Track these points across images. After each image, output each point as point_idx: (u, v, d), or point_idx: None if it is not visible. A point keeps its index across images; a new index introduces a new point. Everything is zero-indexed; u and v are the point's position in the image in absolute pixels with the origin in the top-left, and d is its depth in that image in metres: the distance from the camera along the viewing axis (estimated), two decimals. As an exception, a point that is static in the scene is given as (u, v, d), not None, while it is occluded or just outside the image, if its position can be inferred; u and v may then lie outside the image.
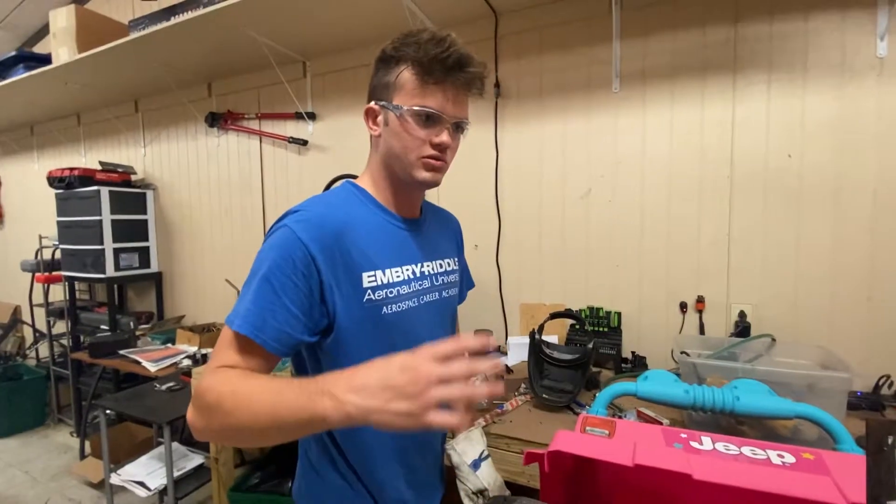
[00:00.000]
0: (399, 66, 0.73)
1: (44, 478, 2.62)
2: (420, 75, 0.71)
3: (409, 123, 0.73)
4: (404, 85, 0.72)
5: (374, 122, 0.78)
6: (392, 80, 0.73)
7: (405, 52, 0.72)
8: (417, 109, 0.72)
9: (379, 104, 0.76)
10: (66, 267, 2.95)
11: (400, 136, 0.74)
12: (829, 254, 1.43)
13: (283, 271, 0.65)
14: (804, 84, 1.44)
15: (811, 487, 0.59)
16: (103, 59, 2.28)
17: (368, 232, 0.75)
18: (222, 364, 0.63)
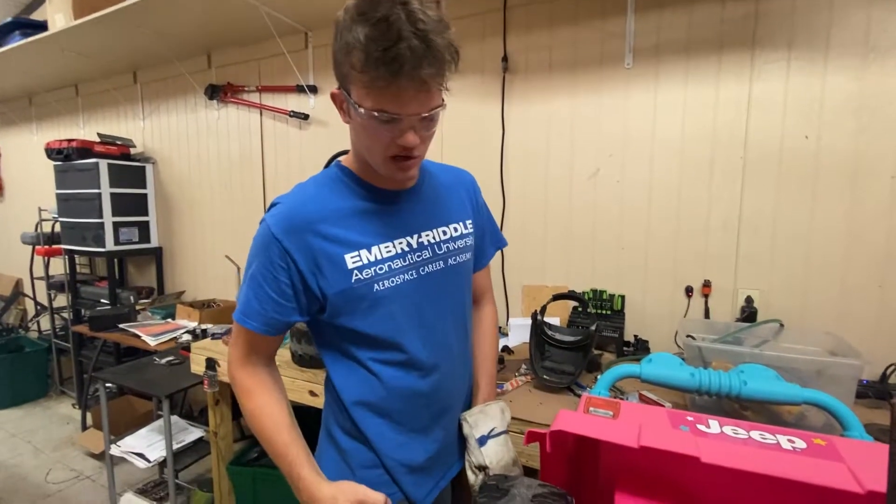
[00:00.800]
0: (350, 56, 0.62)
1: (46, 448, 2.65)
2: (368, 76, 0.61)
3: (371, 124, 0.66)
4: (355, 82, 0.64)
5: (341, 109, 0.72)
6: (346, 70, 0.64)
7: (354, 41, 0.60)
8: (375, 114, 0.64)
9: (340, 91, 0.69)
10: (65, 240, 2.93)
11: (364, 136, 0.70)
12: (841, 239, 1.40)
13: (265, 267, 0.73)
14: (825, 63, 1.38)
15: (825, 474, 0.57)
16: (100, 26, 2.21)
17: (350, 214, 0.76)
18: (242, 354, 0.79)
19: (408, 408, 0.81)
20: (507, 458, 0.85)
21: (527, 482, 0.71)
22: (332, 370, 0.82)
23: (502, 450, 0.85)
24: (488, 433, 0.85)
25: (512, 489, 0.70)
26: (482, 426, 0.86)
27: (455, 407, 0.90)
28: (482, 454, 0.83)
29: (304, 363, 1.46)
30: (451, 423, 0.89)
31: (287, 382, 1.47)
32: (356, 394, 0.80)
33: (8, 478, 2.37)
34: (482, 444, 0.84)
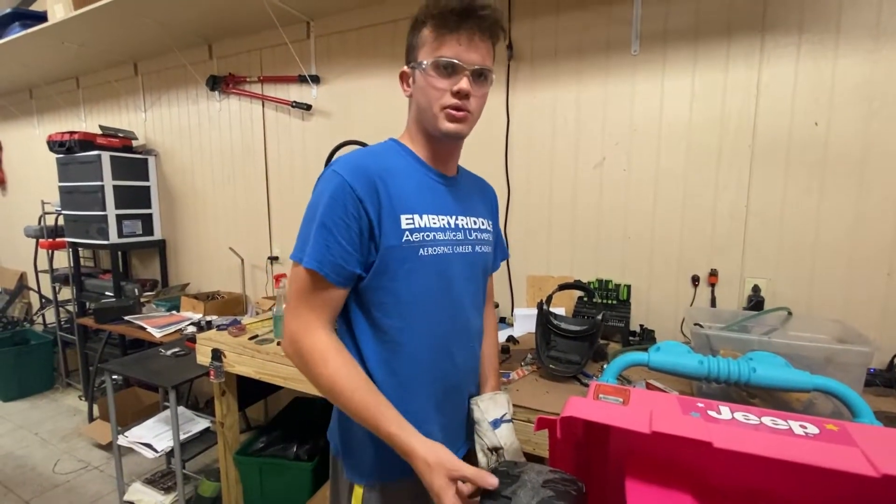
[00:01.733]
0: (421, 27, 0.79)
1: (54, 439, 2.67)
2: (436, 28, 0.77)
3: (431, 76, 0.78)
4: (425, 41, 0.78)
5: (406, 84, 0.85)
6: (416, 41, 0.81)
7: (425, 11, 0.78)
8: (435, 60, 0.77)
9: (408, 66, 0.83)
10: (69, 233, 2.93)
11: (424, 91, 0.80)
12: (849, 227, 1.38)
13: (336, 213, 0.74)
14: (836, 47, 1.36)
15: (839, 458, 0.56)
16: (100, 17, 2.19)
17: (407, 179, 0.81)
18: (308, 319, 0.76)
19: (425, 379, 0.84)
20: (517, 444, 0.87)
21: (537, 468, 0.71)
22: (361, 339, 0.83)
23: (513, 435, 0.88)
24: (500, 417, 0.88)
25: (522, 475, 0.70)
26: (493, 411, 0.89)
27: (465, 386, 0.94)
28: (496, 436, 0.85)
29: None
30: (462, 402, 0.93)
31: (293, 372, 1.47)
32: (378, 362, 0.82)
33: (16, 468, 2.39)
34: (496, 426, 0.86)
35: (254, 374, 1.57)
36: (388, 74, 2.06)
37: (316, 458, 1.79)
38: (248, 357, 1.58)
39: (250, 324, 1.83)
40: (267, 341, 1.63)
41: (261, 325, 1.82)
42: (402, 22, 2.01)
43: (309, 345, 0.76)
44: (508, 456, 0.84)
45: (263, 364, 1.54)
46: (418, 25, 0.80)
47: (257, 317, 2.02)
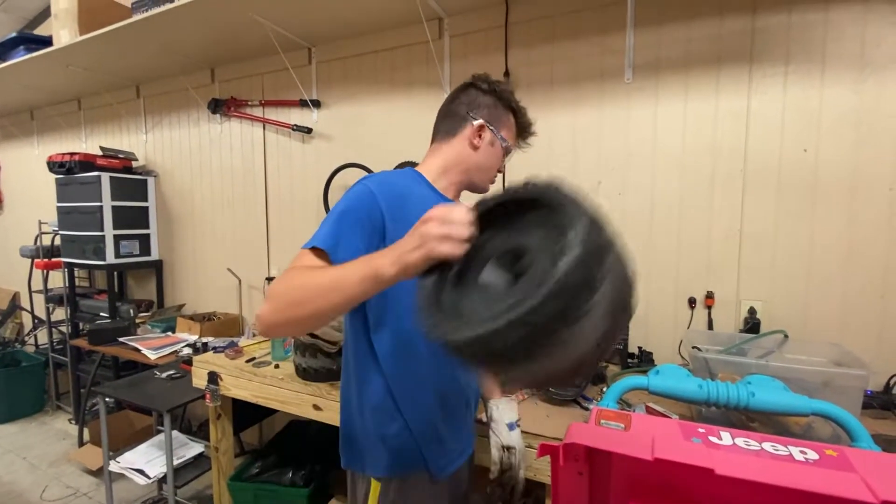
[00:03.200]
0: (507, 110, 1.00)
1: (42, 464, 2.61)
2: (519, 126, 1.04)
3: (500, 152, 1.00)
4: (507, 125, 1.00)
5: (479, 138, 0.97)
6: (501, 115, 0.99)
7: (517, 109, 1.02)
8: (510, 146, 1.01)
9: (490, 128, 0.97)
10: (65, 253, 2.92)
11: (494, 156, 0.99)
12: (842, 251, 1.41)
13: (356, 212, 0.80)
14: (822, 76, 1.41)
15: (839, 484, 0.57)
16: (105, 42, 2.24)
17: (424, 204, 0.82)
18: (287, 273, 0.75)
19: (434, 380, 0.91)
20: (524, 449, 0.98)
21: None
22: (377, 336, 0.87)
23: (521, 440, 0.98)
24: (515, 422, 0.99)
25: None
26: (508, 414, 0.99)
27: (466, 392, 1.00)
28: (510, 436, 0.94)
29: (309, 377, 1.45)
30: (461, 407, 0.99)
31: (291, 396, 1.47)
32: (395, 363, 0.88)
33: (3, 495, 2.32)
34: (511, 429, 0.96)
35: (251, 397, 1.56)
36: (388, 99, 2.10)
37: (312, 483, 1.76)
38: (246, 380, 1.57)
39: (247, 346, 1.82)
40: (264, 364, 1.62)
41: (258, 348, 1.81)
42: (398, 50, 2.06)
43: (280, 279, 0.73)
44: (520, 455, 0.93)
45: (261, 387, 1.53)
46: (506, 107, 1.00)
47: (254, 339, 2.01)
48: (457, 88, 1.02)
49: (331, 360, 1.43)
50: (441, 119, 1.02)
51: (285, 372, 1.54)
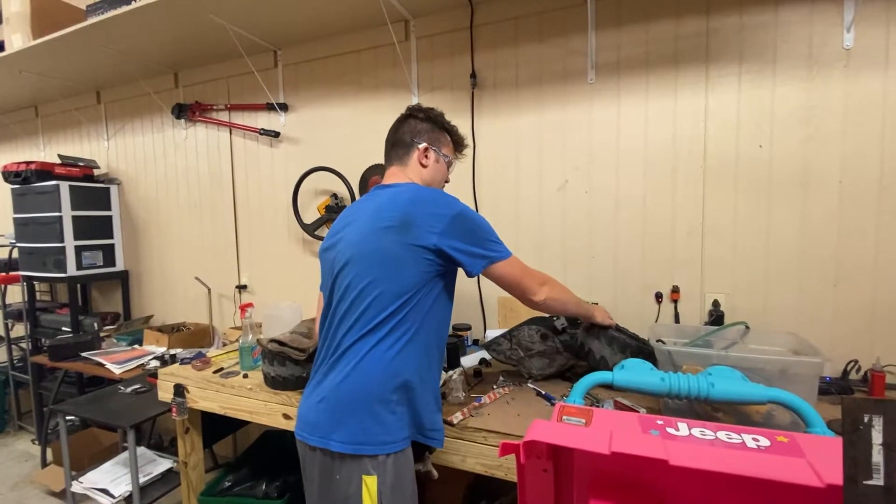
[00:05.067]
0: (444, 132, 1.22)
1: (3, 487, 2.48)
2: (455, 146, 1.28)
3: (445, 166, 1.24)
4: (447, 145, 1.23)
5: (426, 157, 1.18)
6: (442, 138, 1.21)
7: (451, 130, 1.25)
8: (452, 160, 1.27)
9: (433, 149, 1.19)
10: (24, 266, 2.79)
11: (440, 171, 1.22)
12: (797, 242, 1.46)
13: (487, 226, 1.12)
14: (774, 75, 1.46)
15: (786, 469, 0.58)
16: (60, 46, 2.16)
17: None
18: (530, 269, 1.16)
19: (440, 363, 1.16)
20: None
21: None
22: (433, 319, 1.07)
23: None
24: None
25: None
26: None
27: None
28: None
29: (278, 385, 1.42)
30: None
31: (259, 406, 1.43)
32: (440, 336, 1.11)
33: (-42, 523, 2.21)
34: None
35: (218, 409, 1.52)
36: (354, 102, 2.09)
37: (287, 495, 1.72)
38: (213, 392, 1.53)
39: (216, 356, 1.78)
40: (233, 374, 1.58)
41: (227, 358, 1.77)
42: (365, 52, 2.05)
43: (553, 282, 1.19)
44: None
45: (229, 398, 1.49)
46: (441, 128, 1.21)
47: (224, 348, 1.96)
48: (397, 120, 1.21)
49: (300, 367, 1.40)
50: (392, 147, 1.20)
51: (254, 381, 1.51)
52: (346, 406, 0.98)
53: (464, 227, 1.03)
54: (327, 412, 0.99)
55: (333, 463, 0.97)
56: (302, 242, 2.30)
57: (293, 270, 2.33)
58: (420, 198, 1.05)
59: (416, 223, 1.00)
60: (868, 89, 1.36)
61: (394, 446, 0.97)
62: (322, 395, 1.02)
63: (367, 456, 0.95)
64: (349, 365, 0.99)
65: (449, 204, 1.05)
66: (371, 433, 0.96)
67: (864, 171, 1.38)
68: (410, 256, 0.99)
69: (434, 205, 1.03)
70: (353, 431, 0.96)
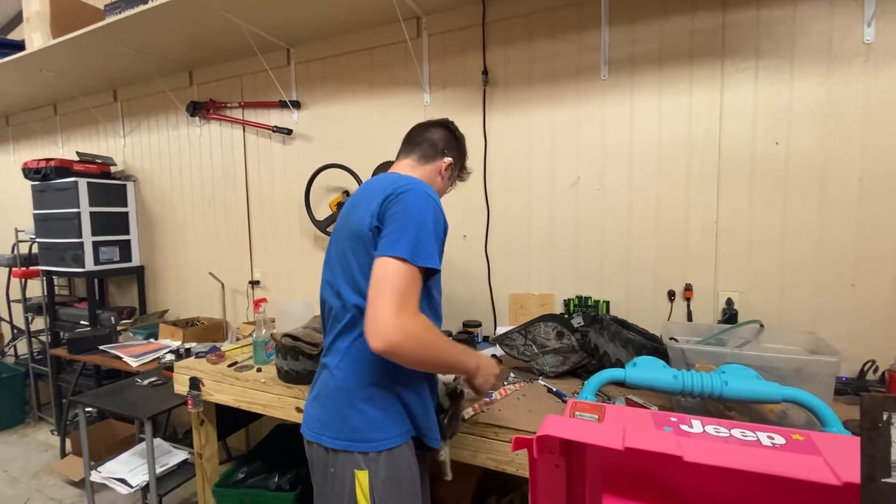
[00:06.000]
0: (462, 159, 1.24)
1: (24, 477, 2.55)
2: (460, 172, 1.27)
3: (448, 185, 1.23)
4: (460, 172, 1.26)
5: (445, 170, 1.17)
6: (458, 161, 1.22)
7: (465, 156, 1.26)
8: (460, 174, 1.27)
9: (454, 168, 1.20)
10: (43, 261, 2.86)
11: (445, 187, 1.22)
12: (814, 241, 1.44)
13: (437, 223, 0.95)
14: (791, 71, 1.44)
15: (802, 467, 0.58)
16: (78, 45, 2.20)
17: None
18: (414, 302, 0.88)
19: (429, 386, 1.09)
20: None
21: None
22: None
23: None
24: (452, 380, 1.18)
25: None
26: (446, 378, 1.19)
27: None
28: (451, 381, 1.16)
29: (291, 379, 1.44)
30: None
31: (273, 399, 1.45)
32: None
33: (-18, 510, 2.27)
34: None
35: (232, 402, 1.54)
36: (367, 99, 2.10)
37: (298, 487, 1.75)
38: (227, 385, 1.55)
39: (230, 350, 1.80)
40: (246, 368, 1.60)
41: (240, 352, 1.79)
42: (377, 49, 2.06)
43: (422, 324, 0.89)
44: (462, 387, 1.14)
45: (243, 391, 1.52)
46: (462, 155, 1.24)
47: (237, 343, 1.99)
48: (431, 123, 1.19)
49: (312, 362, 1.42)
50: (418, 142, 1.16)
51: (267, 375, 1.53)
52: (332, 402, 0.99)
53: (394, 204, 0.93)
54: (319, 408, 1.01)
55: (328, 457, 0.98)
56: (314, 239, 2.32)
57: (305, 266, 2.36)
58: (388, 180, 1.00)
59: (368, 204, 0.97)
60: (889, 85, 1.34)
61: (386, 443, 0.96)
62: (316, 391, 1.04)
63: (358, 452, 0.95)
64: (333, 361, 1.01)
65: (398, 184, 0.96)
66: (358, 429, 0.95)
67: (884, 169, 1.36)
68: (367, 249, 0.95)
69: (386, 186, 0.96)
70: (340, 427, 0.97)
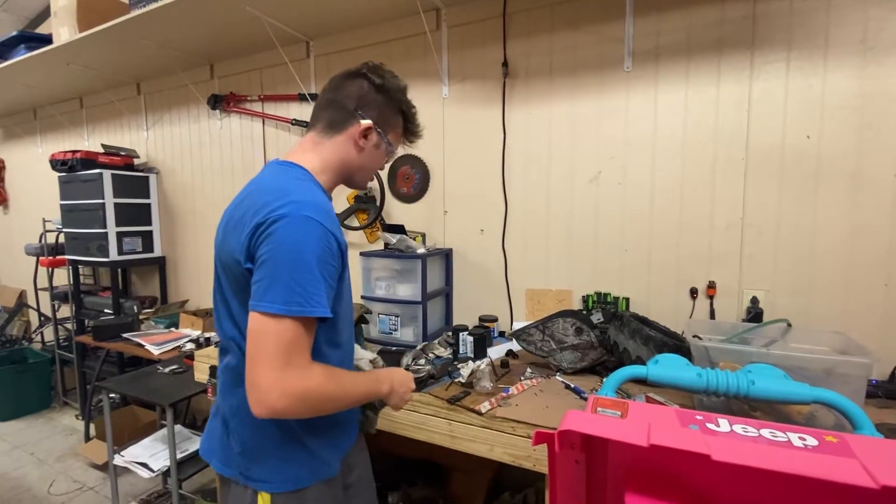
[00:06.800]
0: (397, 113, 0.96)
1: (49, 459, 2.64)
2: (406, 131, 1.00)
3: (384, 152, 0.97)
4: (395, 127, 0.97)
5: (364, 139, 0.92)
6: (392, 119, 0.95)
7: (406, 109, 0.97)
8: (393, 148, 0.98)
9: (377, 130, 0.93)
10: (69, 251, 2.94)
11: (375, 157, 0.96)
12: (845, 238, 1.39)
13: (324, 258, 0.76)
14: (825, 62, 1.39)
15: (838, 469, 0.56)
16: (104, 39, 2.24)
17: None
18: (302, 358, 0.74)
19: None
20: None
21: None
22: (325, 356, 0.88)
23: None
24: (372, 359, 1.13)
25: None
26: (366, 356, 1.12)
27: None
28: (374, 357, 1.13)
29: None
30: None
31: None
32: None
33: (11, 489, 2.36)
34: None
35: (252, 390, 1.56)
36: (387, 92, 2.09)
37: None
38: (247, 374, 1.57)
39: (249, 340, 1.83)
40: (265, 358, 1.62)
41: (259, 342, 1.82)
42: (396, 42, 2.05)
43: (314, 382, 0.75)
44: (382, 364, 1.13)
45: (261, 381, 1.53)
46: (396, 110, 0.95)
47: (256, 333, 2.01)
48: (343, 75, 0.92)
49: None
50: (323, 108, 0.92)
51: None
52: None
53: (265, 240, 0.75)
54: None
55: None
56: (331, 231, 2.33)
57: (322, 259, 2.37)
58: (261, 193, 0.81)
59: (240, 230, 0.79)
60: (929, 76, 1.28)
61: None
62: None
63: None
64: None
65: (270, 208, 0.76)
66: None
67: (922, 164, 1.30)
68: (243, 288, 0.80)
69: (259, 206, 0.78)
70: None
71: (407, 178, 2.09)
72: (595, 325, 1.48)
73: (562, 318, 1.47)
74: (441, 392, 1.31)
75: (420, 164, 2.04)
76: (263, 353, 0.72)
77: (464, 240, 1.99)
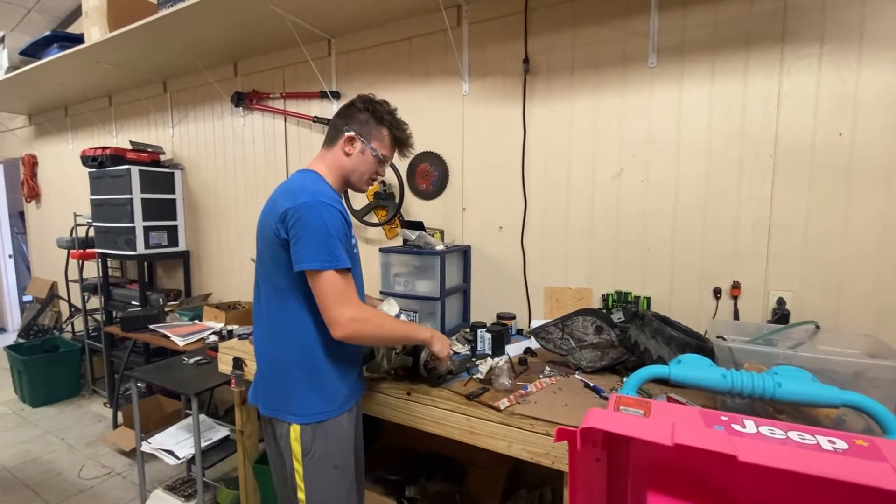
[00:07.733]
0: (381, 126, 1.20)
1: (79, 445, 2.74)
2: (394, 141, 1.24)
3: (375, 161, 1.22)
4: (382, 138, 1.22)
5: (350, 145, 1.19)
6: (373, 131, 1.20)
7: (389, 121, 1.21)
8: (385, 156, 1.23)
9: (360, 139, 1.18)
10: (99, 244, 3.04)
11: (365, 163, 1.21)
12: (877, 238, 1.35)
13: (339, 230, 1.09)
14: (859, 57, 1.34)
15: (869, 473, 0.55)
16: (133, 38, 2.30)
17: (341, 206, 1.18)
18: (352, 297, 1.08)
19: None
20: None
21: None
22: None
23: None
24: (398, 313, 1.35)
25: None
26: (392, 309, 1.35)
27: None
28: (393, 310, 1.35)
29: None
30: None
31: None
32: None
33: (43, 473, 2.45)
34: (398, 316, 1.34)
35: (274, 382, 1.59)
36: (405, 89, 2.10)
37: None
38: (269, 366, 1.60)
39: (271, 333, 1.86)
40: (287, 351, 1.65)
41: (281, 335, 1.85)
42: (417, 39, 2.06)
43: (368, 314, 1.10)
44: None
45: (283, 373, 1.57)
46: (379, 122, 1.20)
47: (277, 326, 2.05)
48: (342, 107, 1.23)
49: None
50: (328, 130, 1.25)
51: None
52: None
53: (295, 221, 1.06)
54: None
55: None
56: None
57: (342, 254, 2.40)
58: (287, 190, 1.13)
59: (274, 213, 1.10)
60: (972, 71, 1.23)
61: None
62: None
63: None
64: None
65: (295, 197, 1.08)
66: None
67: (962, 162, 1.25)
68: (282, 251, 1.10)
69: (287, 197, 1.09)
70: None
71: (426, 174, 2.09)
72: (615, 325, 1.47)
73: (581, 317, 1.46)
74: (459, 388, 1.32)
75: (439, 161, 2.05)
76: (327, 298, 1.05)
77: (482, 237, 1.99)
